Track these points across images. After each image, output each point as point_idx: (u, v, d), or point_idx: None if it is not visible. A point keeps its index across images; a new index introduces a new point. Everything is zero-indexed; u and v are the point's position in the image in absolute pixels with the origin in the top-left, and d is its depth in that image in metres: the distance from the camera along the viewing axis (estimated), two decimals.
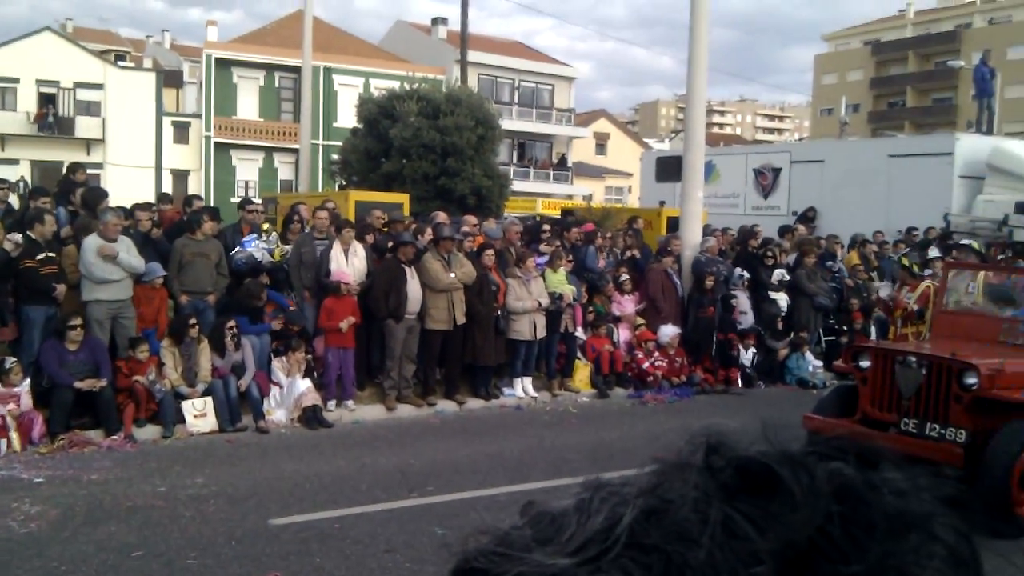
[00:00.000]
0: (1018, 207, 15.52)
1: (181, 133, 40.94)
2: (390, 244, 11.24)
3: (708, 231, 14.82)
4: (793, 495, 0.54)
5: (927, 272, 13.21)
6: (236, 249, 10.95)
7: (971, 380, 6.87)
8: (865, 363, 7.64)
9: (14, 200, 12.43)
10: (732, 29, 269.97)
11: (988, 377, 6.86)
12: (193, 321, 9.78)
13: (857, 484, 0.57)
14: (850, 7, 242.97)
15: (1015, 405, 6.87)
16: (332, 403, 10.42)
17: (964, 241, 14.75)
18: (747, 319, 13.52)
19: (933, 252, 14.62)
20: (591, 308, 12.80)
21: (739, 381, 13.02)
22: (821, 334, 14.41)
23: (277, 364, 10.19)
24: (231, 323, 9.94)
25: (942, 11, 68.75)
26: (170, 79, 43.80)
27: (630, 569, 0.52)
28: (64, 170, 13.19)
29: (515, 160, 45.08)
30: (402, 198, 16.08)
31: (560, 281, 12.05)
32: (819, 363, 13.40)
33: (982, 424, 6.87)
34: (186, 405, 9.51)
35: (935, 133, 37.60)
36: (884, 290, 12.94)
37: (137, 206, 11.26)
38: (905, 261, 14.34)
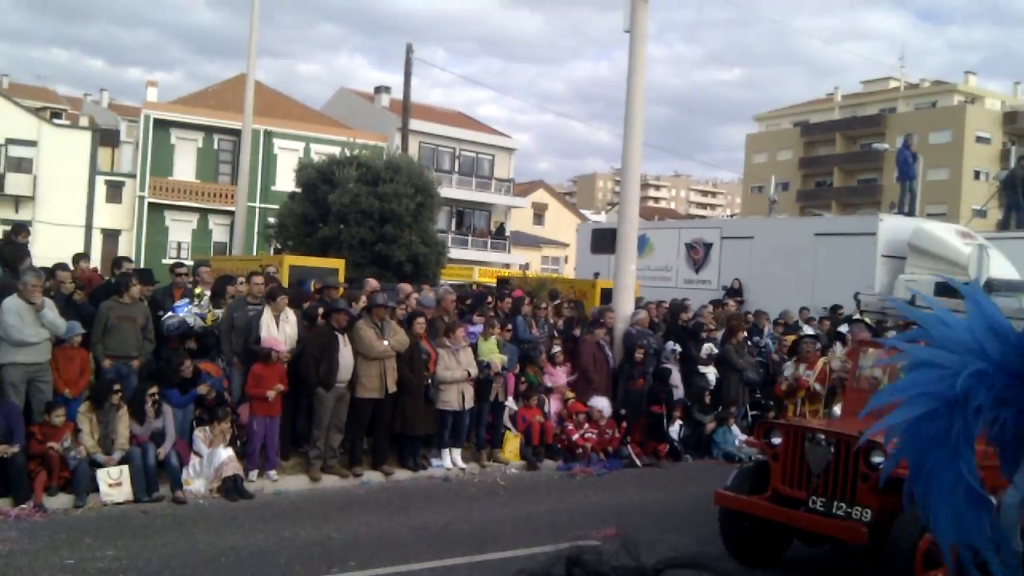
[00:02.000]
0: (938, 288, 16.05)
1: (114, 192, 40.38)
2: (320, 311, 11.16)
3: (641, 304, 15.04)
4: None
5: (836, 349, 13.49)
6: (168, 314, 10.75)
7: (878, 459, 6.91)
8: (776, 440, 7.71)
9: None
10: (667, 106, 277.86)
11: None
12: (116, 387, 9.52)
13: None
14: (780, 89, 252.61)
15: None
16: (254, 473, 10.17)
17: (856, 316, 15.11)
18: (677, 392, 13.66)
19: (843, 329, 14.98)
20: (523, 378, 12.81)
21: (667, 454, 13.08)
22: (748, 408, 14.61)
23: (199, 434, 9.93)
24: (153, 389, 9.70)
25: (868, 95, 71.83)
26: (106, 138, 43.31)
27: None
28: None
29: (453, 228, 45.40)
30: (338, 264, 16.05)
31: (491, 349, 12.06)
32: (745, 437, 13.54)
33: (888, 503, 6.89)
34: (101, 473, 9.19)
35: (860, 213, 38.90)
36: (788, 369, 13.10)
37: (58, 266, 11.01)
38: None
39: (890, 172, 43.92)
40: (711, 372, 14.05)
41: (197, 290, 11.58)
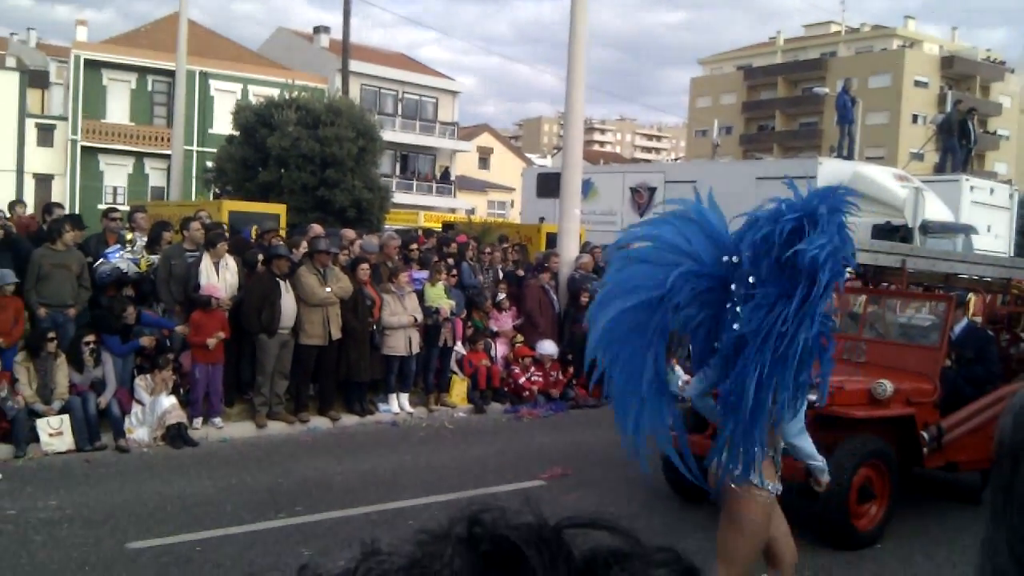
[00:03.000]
0: (874, 231, 16.36)
1: (45, 136, 39.06)
2: (260, 257, 10.99)
3: (587, 248, 15.09)
4: (535, 574, 0.59)
5: None
6: (100, 260, 10.51)
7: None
8: None
9: None
10: (613, 49, 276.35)
11: (830, 394, 7.10)
12: (52, 335, 9.32)
13: (599, 562, 0.61)
14: (724, 32, 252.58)
15: (854, 421, 7.10)
16: (198, 421, 10.09)
17: None
18: None
19: None
20: (470, 323, 12.84)
21: None
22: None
23: (140, 382, 9.79)
24: (90, 337, 9.51)
25: (809, 40, 72.26)
26: (35, 79, 41.74)
27: None
28: None
29: (398, 172, 44.89)
30: (279, 209, 15.77)
31: (438, 295, 12.05)
32: (687, 376, 13.74)
33: (823, 440, 7.07)
34: (41, 423, 9.03)
35: (801, 157, 39.37)
36: None
37: None
38: None
39: (831, 116, 44.42)
40: None
41: (128, 236, 11.31)
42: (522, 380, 12.63)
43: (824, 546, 6.85)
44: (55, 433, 9.07)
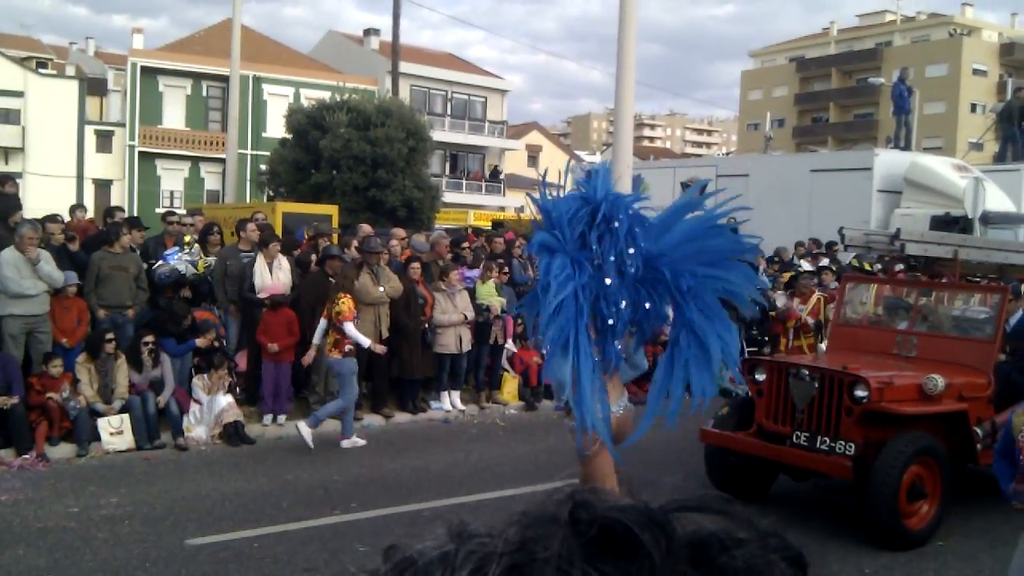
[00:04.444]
0: (933, 222, 16.02)
1: (104, 142, 39.97)
2: (313, 257, 11.13)
3: None
4: (652, 558, 0.56)
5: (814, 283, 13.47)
6: (159, 262, 10.73)
7: (861, 393, 6.88)
8: (761, 376, 7.68)
9: None
10: (661, 44, 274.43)
11: (878, 390, 6.87)
12: (110, 336, 9.54)
13: (712, 547, 0.59)
14: (775, 25, 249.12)
15: (904, 418, 6.93)
16: (268, 418, 10.28)
17: (844, 257, 15.03)
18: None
19: (822, 262, 15.08)
20: (520, 320, 12.83)
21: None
22: (744, 345, 14.66)
23: (198, 381, 9.99)
24: (148, 338, 9.72)
25: (863, 29, 70.93)
26: (94, 87, 42.75)
27: None
28: None
29: (447, 172, 45.10)
30: (331, 210, 15.94)
31: (489, 293, 12.08)
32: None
33: (872, 437, 6.90)
34: (102, 422, 9.26)
35: (855, 148, 38.69)
36: (780, 299, 13.16)
37: (48, 218, 10.91)
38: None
39: (887, 106, 43.54)
40: None
41: (187, 238, 11.53)
42: None
43: (874, 546, 6.73)
44: (116, 432, 9.29)
